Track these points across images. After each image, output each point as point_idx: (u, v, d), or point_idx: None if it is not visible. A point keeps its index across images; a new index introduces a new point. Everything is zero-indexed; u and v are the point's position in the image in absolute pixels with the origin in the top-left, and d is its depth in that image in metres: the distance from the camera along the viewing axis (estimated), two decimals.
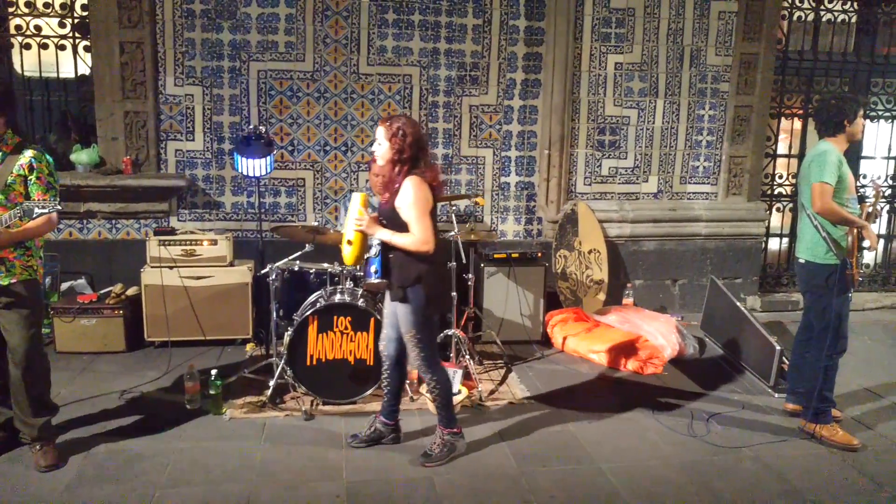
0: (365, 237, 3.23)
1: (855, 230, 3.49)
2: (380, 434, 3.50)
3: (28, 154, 3.09)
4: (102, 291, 4.90)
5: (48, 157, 3.19)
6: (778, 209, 6.29)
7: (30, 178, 3.09)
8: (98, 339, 4.64)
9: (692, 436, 3.68)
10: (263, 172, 4.59)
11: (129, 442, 3.46)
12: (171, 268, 4.67)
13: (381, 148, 3.16)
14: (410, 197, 3.08)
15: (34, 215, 2.94)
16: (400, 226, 3.13)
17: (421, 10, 5.26)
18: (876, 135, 6.33)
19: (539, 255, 5.18)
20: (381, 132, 3.16)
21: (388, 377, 3.46)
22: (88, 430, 3.57)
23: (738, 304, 4.99)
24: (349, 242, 3.21)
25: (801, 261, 3.73)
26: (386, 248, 3.21)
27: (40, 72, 5.20)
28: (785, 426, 3.82)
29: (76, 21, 5.15)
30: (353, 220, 3.17)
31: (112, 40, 4.97)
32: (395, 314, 3.28)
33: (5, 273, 3.09)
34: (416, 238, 3.09)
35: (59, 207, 3.01)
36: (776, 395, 4.23)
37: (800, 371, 3.90)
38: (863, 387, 4.39)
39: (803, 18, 6.03)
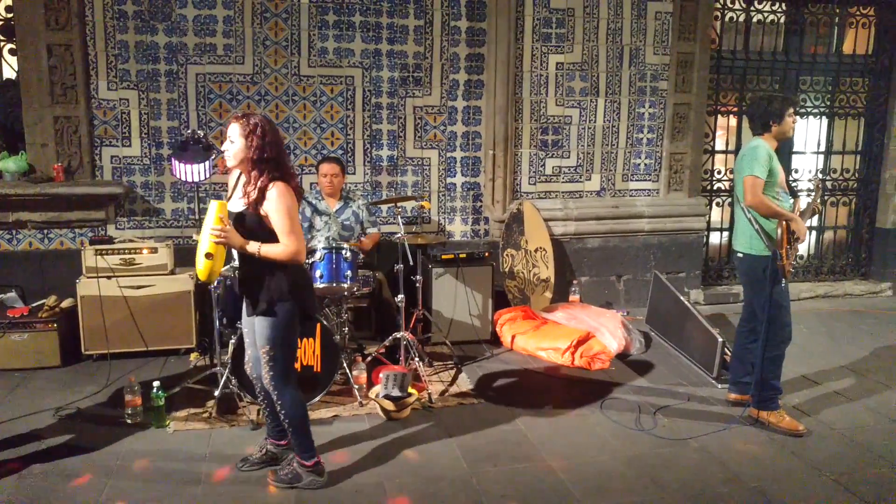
0: (226, 250, 2.96)
1: (784, 222, 3.61)
2: (272, 456, 3.29)
3: None
4: (34, 304, 4.70)
5: None
6: (718, 204, 6.48)
7: None
8: (31, 355, 4.45)
9: (639, 429, 3.75)
10: (203, 177, 4.48)
11: (66, 461, 3.32)
12: (109, 277, 4.52)
13: (234, 147, 2.88)
14: (283, 205, 2.84)
15: None
16: (266, 235, 2.90)
17: (362, 12, 5.23)
18: (805, 130, 6.59)
19: (486, 254, 5.20)
20: (234, 129, 2.87)
21: (264, 398, 3.24)
22: (21, 450, 3.41)
23: (681, 297, 5.11)
24: (208, 256, 2.86)
25: (739, 254, 3.83)
26: (244, 260, 2.98)
27: None
28: (728, 416, 3.91)
29: (0, 24, 4.93)
30: (211, 231, 2.82)
31: (39, 43, 4.77)
32: (254, 330, 3.06)
33: None
34: (291, 249, 2.86)
35: None
36: (719, 385, 4.33)
37: (742, 361, 4.01)
38: (800, 374, 4.54)
39: (735, 19, 6.23)
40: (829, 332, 5.55)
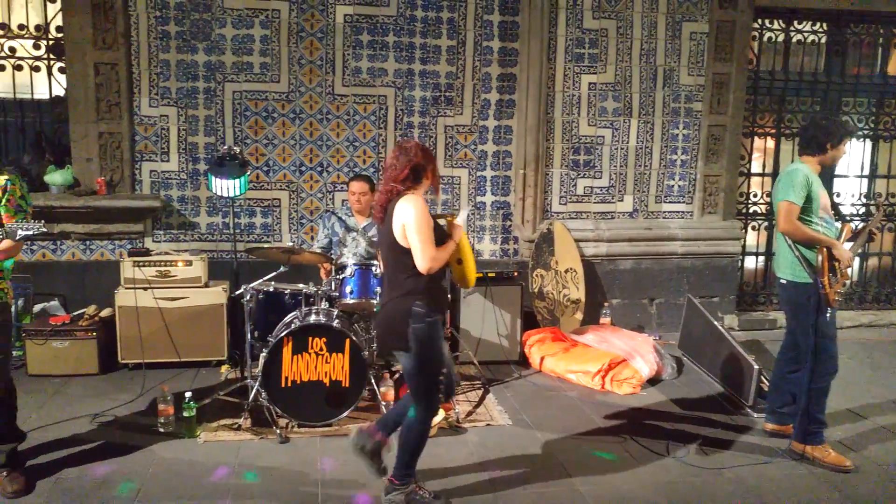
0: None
1: (825, 249, 3.50)
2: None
3: (2, 178, 3.11)
4: (75, 313, 4.83)
5: (22, 181, 3.20)
6: (753, 227, 6.35)
7: (1, 200, 3.09)
8: (71, 362, 4.57)
9: (671, 457, 3.66)
10: (238, 193, 4.59)
11: (100, 466, 3.40)
12: (145, 289, 4.62)
13: None
14: None
15: (17, 237, 2.98)
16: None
17: (395, 32, 5.31)
18: (849, 153, 6.40)
19: (515, 274, 5.18)
20: None
21: None
22: (59, 454, 3.50)
23: (715, 323, 5.00)
24: (459, 261, 3.17)
25: (783, 281, 3.71)
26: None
27: (14, 93, 5.17)
28: (765, 446, 3.79)
29: (51, 42, 5.14)
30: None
31: (87, 62, 4.96)
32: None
33: None
34: None
35: (45, 229, 3.04)
36: (755, 414, 4.21)
37: (780, 391, 3.89)
38: (845, 407, 4.36)
39: (773, 39, 6.14)
40: (874, 364, 5.35)
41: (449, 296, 3.26)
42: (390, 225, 2.94)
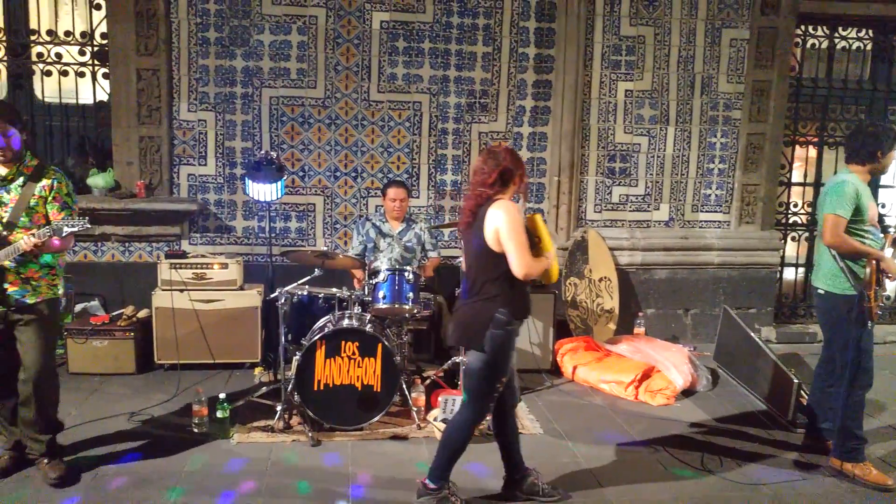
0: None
1: (874, 262, 3.40)
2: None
3: (49, 177, 3.20)
4: (114, 313, 4.93)
5: (67, 180, 3.30)
6: (793, 238, 6.21)
7: (48, 198, 3.18)
8: (109, 361, 4.66)
9: (706, 470, 3.59)
10: (274, 197, 4.64)
11: (137, 464, 3.47)
12: (181, 291, 4.69)
13: None
14: None
15: (63, 233, 3.06)
16: None
17: (431, 38, 5.33)
18: (895, 163, 6.24)
19: None
20: None
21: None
22: (97, 451, 3.58)
23: (752, 334, 4.90)
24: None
25: (820, 291, 3.62)
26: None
27: (60, 98, 5.31)
28: (805, 462, 3.69)
29: (95, 49, 5.27)
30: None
31: (129, 67, 5.08)
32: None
33: (31, 292, 3.19)
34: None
35: (89, 225, 3.13)
36: (796, 430, 4.08)
37: (820, 405, 3.78)
38: (886, 424, 4.24)
39: (817, 46, 6.01)
40: None
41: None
42: (481, 229, 2.96)
